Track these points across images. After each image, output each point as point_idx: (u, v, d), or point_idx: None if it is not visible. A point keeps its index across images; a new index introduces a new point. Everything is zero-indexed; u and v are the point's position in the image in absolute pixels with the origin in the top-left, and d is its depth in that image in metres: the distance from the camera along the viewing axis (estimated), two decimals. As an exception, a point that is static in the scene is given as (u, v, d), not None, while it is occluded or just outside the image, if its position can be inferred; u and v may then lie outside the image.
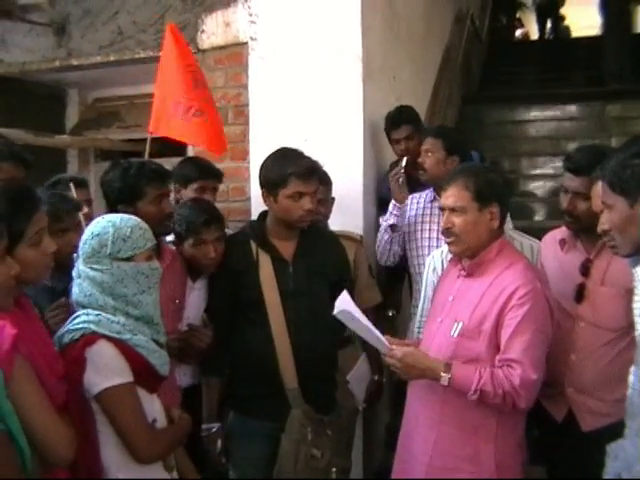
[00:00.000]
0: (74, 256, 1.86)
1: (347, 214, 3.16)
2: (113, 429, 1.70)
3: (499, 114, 6.72)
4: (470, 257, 2.14)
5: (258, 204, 2.75)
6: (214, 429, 2.44)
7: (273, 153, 2.46)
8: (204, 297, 2.57)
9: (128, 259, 1.79)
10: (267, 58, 3.51)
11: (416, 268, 3.12)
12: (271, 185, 2.38)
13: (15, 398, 1.45)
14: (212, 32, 3.78)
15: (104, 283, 1.76)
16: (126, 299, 1.77)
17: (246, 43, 3.59)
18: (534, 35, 11.64)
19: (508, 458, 2.05)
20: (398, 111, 3.45)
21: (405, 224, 3.15)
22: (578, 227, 2.28)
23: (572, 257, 2.31)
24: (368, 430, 3.32)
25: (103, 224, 1.81)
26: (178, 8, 3.99)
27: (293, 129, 3.35)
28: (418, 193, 3.20)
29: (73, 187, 2.52)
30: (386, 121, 3.46)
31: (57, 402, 1.58)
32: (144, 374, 1.75)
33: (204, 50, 3.78)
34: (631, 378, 1.73)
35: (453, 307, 2.13)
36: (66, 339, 1.73)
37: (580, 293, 2.24)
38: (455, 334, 2.06)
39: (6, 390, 1.42)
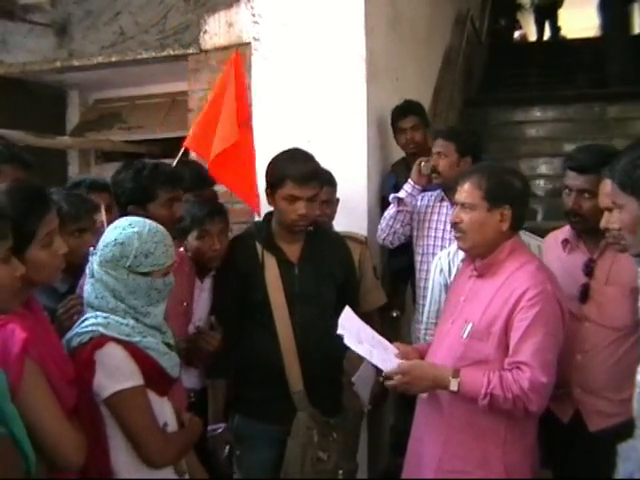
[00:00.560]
0: (90, 250, 1.81)
1: (351, 215, 3.15)
2: (124, 433, 1.68)
3: (501, 116, 6.71)
4: (481, 257, 2.12)
5: (261, 205, 2.75)
6: (220, 430, 2.43)
7: (282, 152, 2.44)
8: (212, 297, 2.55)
9: (145, 274, 1.75)
10: (270, 59, 3.49)
11: (421, 265, 3.13)
12: (270, 184, 2.38)
13: (25, 402, 1.43)
14: (215, 32, 3.77)
15: (116, 290, 1.74)
16: (135, 309, 1.75)
17: (249, 43, 3.57)
18: (532, 37, 11.63)
19: (517, 463, 2.03)
20: (406, 102, 3.54)
21: (414, 212, 3.15)
22: (583, 227, 2.27)
23: (575, 257, 2.30)
24: (373, 432, 3.30)
25: (129, 233, 1.74)
26: (180, 8, 3.99)
27: (296, 130, 3.34)
28: (429, 192, 3.21)
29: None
30: (393, 113, 3.52)
31: (67, 406, 1.57)
32: (155, 377, 1.73)
33: (207, 51, 3.78)
34: (638, 377, 1.72)
35: (464, 308, 2.12)
36: (75, 342, 1.71)
37: (585, 293, 2.23)
38: (465, 335, 2.04)
39: (16, 394, 1.40)
